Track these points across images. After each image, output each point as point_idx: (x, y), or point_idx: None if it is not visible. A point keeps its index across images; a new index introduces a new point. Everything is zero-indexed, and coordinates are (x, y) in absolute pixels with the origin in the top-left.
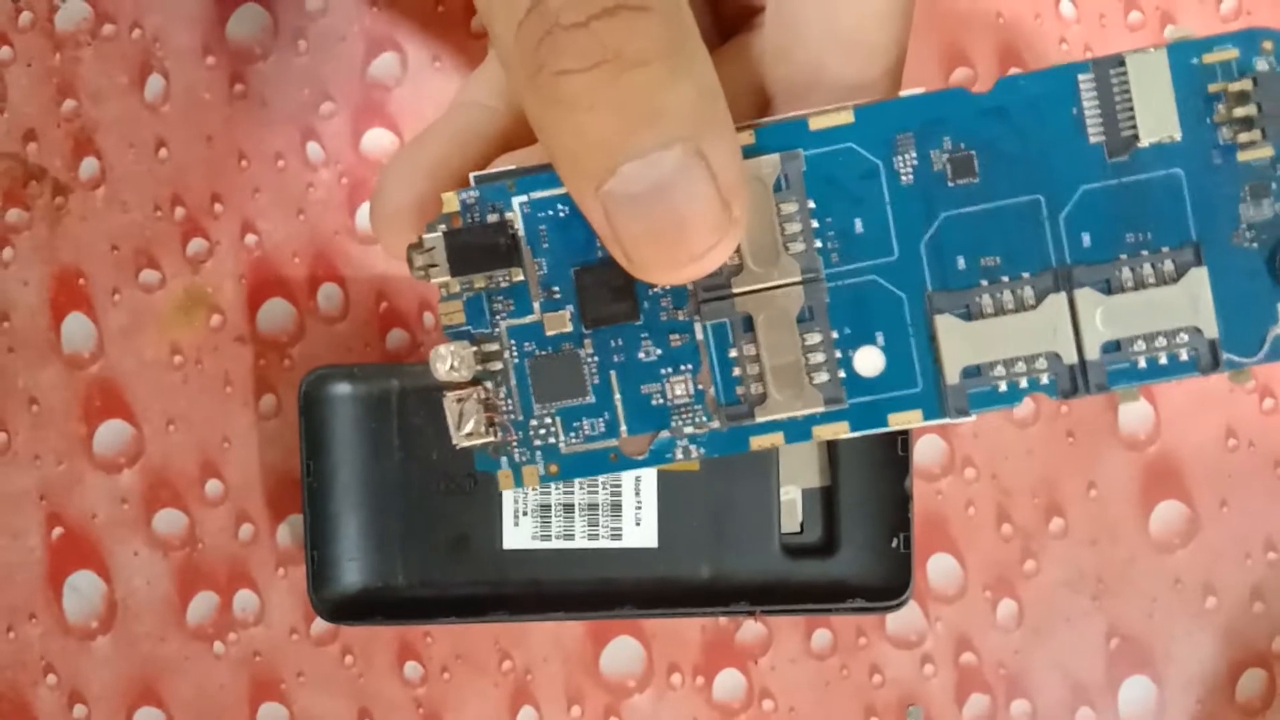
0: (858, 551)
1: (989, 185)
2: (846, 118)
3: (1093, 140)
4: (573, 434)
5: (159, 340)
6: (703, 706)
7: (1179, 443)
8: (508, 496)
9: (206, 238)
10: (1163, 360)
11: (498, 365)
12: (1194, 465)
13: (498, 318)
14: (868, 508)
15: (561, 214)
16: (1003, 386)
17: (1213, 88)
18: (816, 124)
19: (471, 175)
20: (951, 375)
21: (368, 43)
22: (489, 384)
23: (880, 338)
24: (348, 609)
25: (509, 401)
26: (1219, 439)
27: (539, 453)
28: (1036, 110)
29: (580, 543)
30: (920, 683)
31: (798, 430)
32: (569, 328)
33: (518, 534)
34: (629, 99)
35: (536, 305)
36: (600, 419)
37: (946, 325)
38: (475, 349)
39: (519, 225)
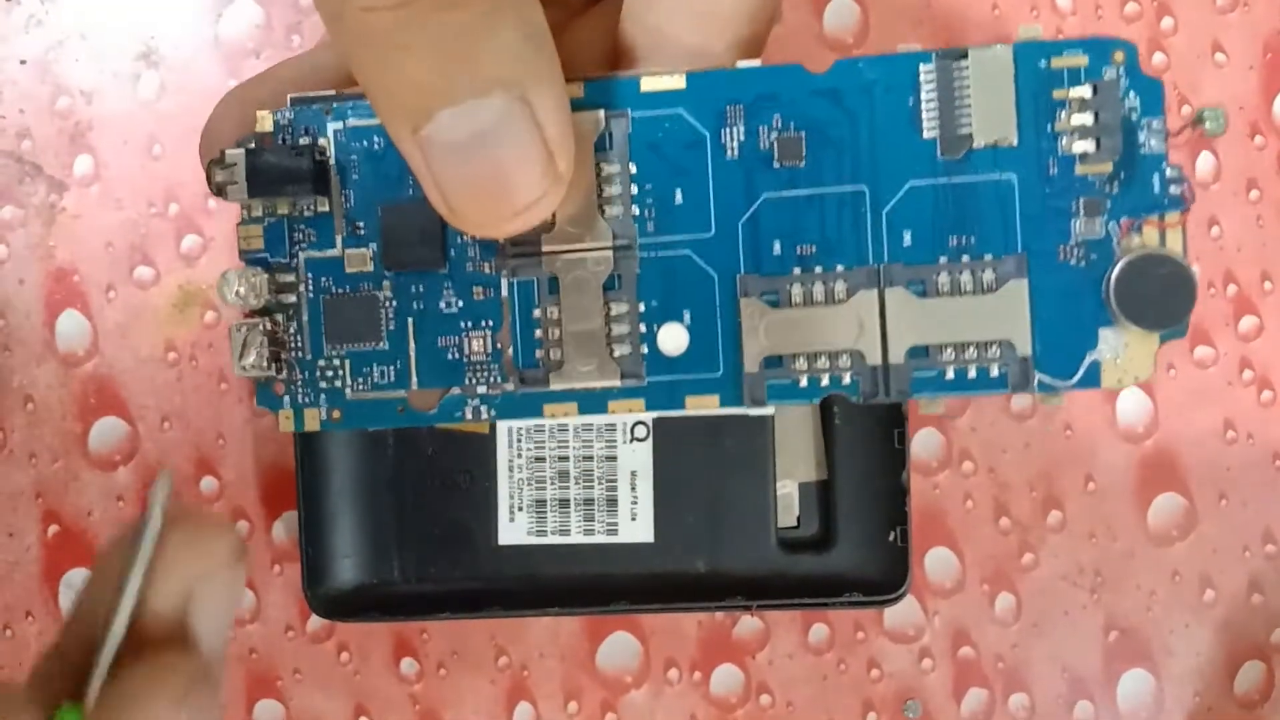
0: (855, 545)
1: (815, 170)
2: (678, 83)
3: (926, 135)
4: (361, 380)
5: (154, 337)
6: (700, 702)
7: (1177, 435)
8: (503, 492)
9: (201, 234)
10: (971, 373)
11: (291, 298)
12: (1192, 458)
13: (297, 248)
14: (865, 501)
15: (377, 146)
16: (803, 381)
17: (1057, 94)
18: (648, 85)
19: (289, 96)
20: (751, 364)
21: None
22: (280, 316)
23: (687, 316)
24: (343, 606)
25: (298, 338)
26: (1217, 431)
27: (324, 396)
28: (872, 97)
29: (576, 538)
30: (918, 677)
31: (593, 402)
32: (370, 267)
33: (513, 529)
34: (443, 41)
35: (339, 240)
36: (391, 367)
37: (751, 310)
38: (270, 278)
39: (331, 152)
